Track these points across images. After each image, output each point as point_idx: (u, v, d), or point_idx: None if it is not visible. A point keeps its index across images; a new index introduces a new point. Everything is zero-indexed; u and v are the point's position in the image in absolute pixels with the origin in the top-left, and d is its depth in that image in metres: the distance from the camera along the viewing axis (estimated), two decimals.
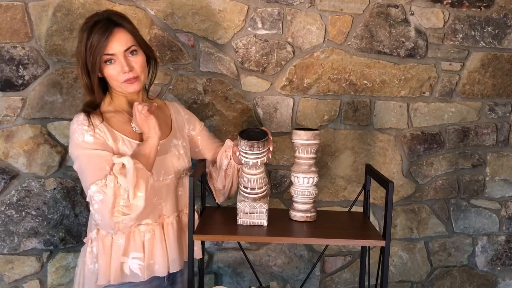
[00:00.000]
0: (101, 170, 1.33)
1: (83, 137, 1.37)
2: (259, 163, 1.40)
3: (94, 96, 1.44)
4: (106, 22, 1.40)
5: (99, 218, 1.33)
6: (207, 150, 1.67)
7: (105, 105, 1.49)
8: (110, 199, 1.30)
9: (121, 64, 1.40)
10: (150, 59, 1.52)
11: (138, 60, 1.44)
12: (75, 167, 1.40)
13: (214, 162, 1.66)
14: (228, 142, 1.64)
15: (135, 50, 1.44)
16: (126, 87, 1.44)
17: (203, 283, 1.69)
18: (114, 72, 1.42)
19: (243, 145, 1.38)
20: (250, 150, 1.38)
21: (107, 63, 1.41)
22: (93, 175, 1.33)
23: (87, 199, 1.35)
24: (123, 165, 1.33)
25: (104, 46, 1.38)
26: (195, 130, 1.66)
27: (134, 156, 1.38)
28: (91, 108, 1.44)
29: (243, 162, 1.42)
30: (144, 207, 1.34)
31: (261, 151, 1.38)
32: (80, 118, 1.40)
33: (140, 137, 1.46)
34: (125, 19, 1.45)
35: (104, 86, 1.49)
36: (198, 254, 1.57)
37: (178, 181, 1.54)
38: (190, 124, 1.65)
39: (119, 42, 1.40)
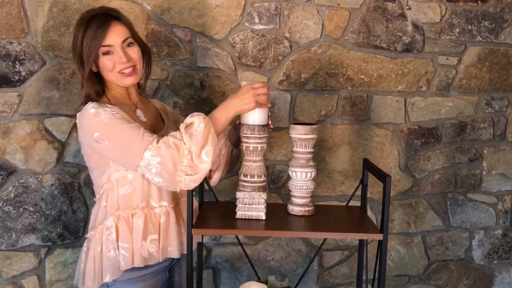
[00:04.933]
0: (144, 137, 1.33)
1: (110, 115, 1.37)
2: (259, 148, 1.43)
3: (89, 89, 1.45)
4: (103, 16, 1.43)
5: (159, 180, 1.34)
6: None
7: (106, 100, 1.49)
8: (168, 158, 1.30)
9: (118, 55, 1.43)
10: (145, 55, 1.54)
11: (135, 51, 1.47)
12: (103, 145, 1.37)
13: None
14: None
15: (131, 43, 1.47)
16: (123, 79, 1.46)
17: (201, 278, 1.69)
18: (110, 63, 1.43)
19: (245, 128, 1.43)
20: (251, 134, 1.42)
21: (105, 54, 1.43)
22: (139, 144, 1.32)
23: (140, 171, 1.34)
24: (190, 125, 1.33)
25: (102, 37, 1.40)
26: (179, 123, 1.68)
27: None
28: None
29: (243, 148, 1.44)
30: (208, 170, 1.35)
31: (261, 136, 1.42)
32: (95, 104, 1.40)
33: (146, 126, 1.48)
34: (120, 13, 1.49)
35: (101, 84, 1.50)
36: (196, 237, 1.59)
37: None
38: (174, 117, 1.68)
39: (116, 34, 1.43)
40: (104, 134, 1.37)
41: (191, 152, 1.31)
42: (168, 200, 1.49)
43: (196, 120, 1.34)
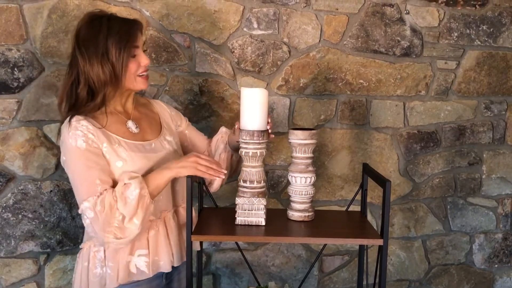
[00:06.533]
0: (92, 186, 1.33)
1: (76, 142, 1.35)
2: (258, 154, 1.43)
3: (119, 82, 1.41)
4: (125, 18, 1.46)
5: (92, 232, 1.36)
6: (197, 143, 1.69)
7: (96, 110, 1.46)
8: (101, 219, 1.31)
9: (143, 56, 1.44)
10: None
11: (147, 56, 1.49)
12: (67, 172, 1.40)
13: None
14: (223, 129, 1.68)
15: (144, 49, 1.51)
16: (142, 83, 1.46)
17: (201, 284, 1.69)
18: (134, 66, 1.43)
19: (244, 134, 1.42)
20: (250, 140, 1.41)
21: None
22: (84, 190, 1.34)
23: (79, 211, 1.36)
24: (127, 185, 1.33)
25: (134, 36, 1.42)
26: (182, 126, 1.68)
27: (146, 178, 1.37)
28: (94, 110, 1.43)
29: (243, 153, 1.43)
30: (137, 234, 1.35)
31: (261, 141, 1.42)
32: (73, 121, 1.37)
33: (136, 137, 1.46)
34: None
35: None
36: (196, 246, 1.58)
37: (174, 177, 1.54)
38: (176, 120, 1.66)
39: (141, 36, 1.46)
40: (68, 163, 1.38)
41: (123, 215, 1.32)
42: (155, 214, 1.46)
43: (133, 184, 1.33)
